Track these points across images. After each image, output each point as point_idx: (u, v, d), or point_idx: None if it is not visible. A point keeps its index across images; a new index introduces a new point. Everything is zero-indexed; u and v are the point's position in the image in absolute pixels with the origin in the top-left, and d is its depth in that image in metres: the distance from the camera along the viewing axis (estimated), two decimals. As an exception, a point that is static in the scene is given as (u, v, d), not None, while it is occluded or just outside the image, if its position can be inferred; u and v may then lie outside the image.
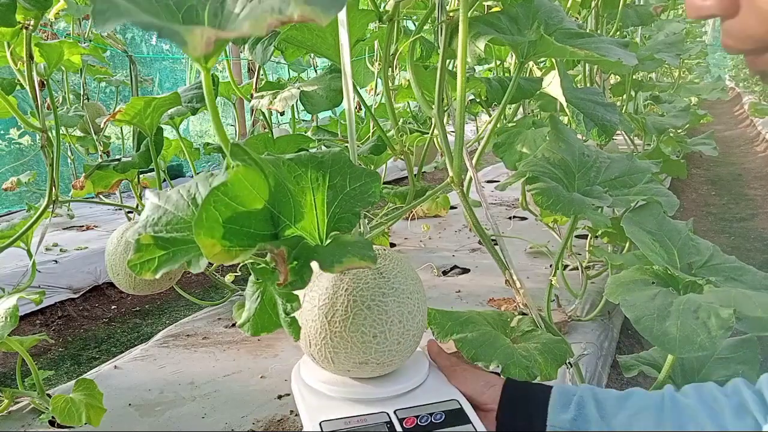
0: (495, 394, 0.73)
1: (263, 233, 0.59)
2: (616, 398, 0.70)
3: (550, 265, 2.69)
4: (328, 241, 0.67)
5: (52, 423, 1.53)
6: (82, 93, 3.04)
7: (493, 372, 0.80)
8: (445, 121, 1.06)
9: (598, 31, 1.99)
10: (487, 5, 1.21)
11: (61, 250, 3.26)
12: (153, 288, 1.64)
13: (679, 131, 3.89)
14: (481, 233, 0.92)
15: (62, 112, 2.56)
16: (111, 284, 3.03)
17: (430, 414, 0.67)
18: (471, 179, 1.05)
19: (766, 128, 8.05)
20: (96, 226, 3.90)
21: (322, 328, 0.68)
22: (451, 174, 0.90)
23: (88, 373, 1.89)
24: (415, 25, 1.86)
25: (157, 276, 0.59)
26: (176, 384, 1.78)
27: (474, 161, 1.00)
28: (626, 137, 2.88)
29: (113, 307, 3.07)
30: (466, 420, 0.67)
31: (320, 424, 0.65)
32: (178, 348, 2.03)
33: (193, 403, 1.68)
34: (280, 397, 1.69)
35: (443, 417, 0.67)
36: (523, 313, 0.98)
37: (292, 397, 0.65)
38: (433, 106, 0.98)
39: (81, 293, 3.02)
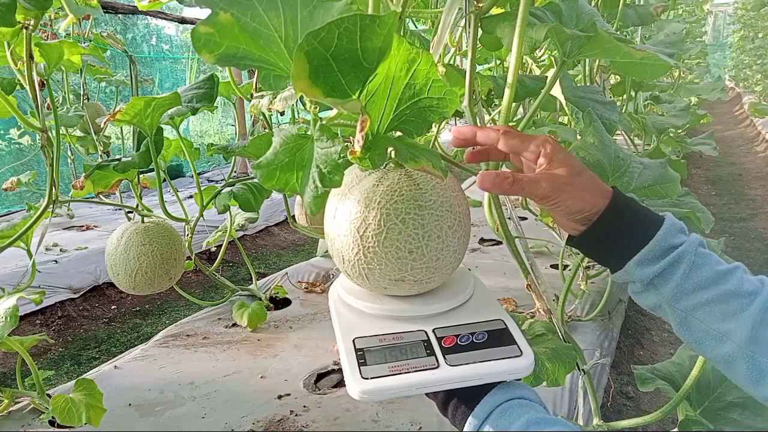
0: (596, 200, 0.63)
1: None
2: (709, 277, 0.61)
3: (551, 265, 2.70)
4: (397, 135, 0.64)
5: (52, 423, 1.53)
6: (82, 93, 3.04)
7: None
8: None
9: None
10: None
11: (61, 250, 3.26)
12: (153, 288, 1.64)
13: (679, 131, 3.89)
14: (507, 235, 0.89)
15: (62, 112, 2.56)
16: (111, 284, 3.03)
17: (472, 333, 0.64)
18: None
19: (766, 128, 8.06)
20: (96, 226, 3.90)
21: (355, 243, 0.63)
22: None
23: (88, 373, 1.89)
24: (416, 25, 1.85)
25: (213, 62, 0.52)
26: (176, 384, 1.78)
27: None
28: (626, 137, 2.88)
29: (113, 307, 3.07)
30: (510, 341, 0.63)
31: (353, 341, 0.62)
32: (178, 348, 2.03)
33: (193, 403, 1.68)
34: (280, 397, 1.69)
35: (485, 337, 0.63)
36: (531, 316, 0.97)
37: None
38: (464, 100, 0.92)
39: (81, 293, 3.02)
